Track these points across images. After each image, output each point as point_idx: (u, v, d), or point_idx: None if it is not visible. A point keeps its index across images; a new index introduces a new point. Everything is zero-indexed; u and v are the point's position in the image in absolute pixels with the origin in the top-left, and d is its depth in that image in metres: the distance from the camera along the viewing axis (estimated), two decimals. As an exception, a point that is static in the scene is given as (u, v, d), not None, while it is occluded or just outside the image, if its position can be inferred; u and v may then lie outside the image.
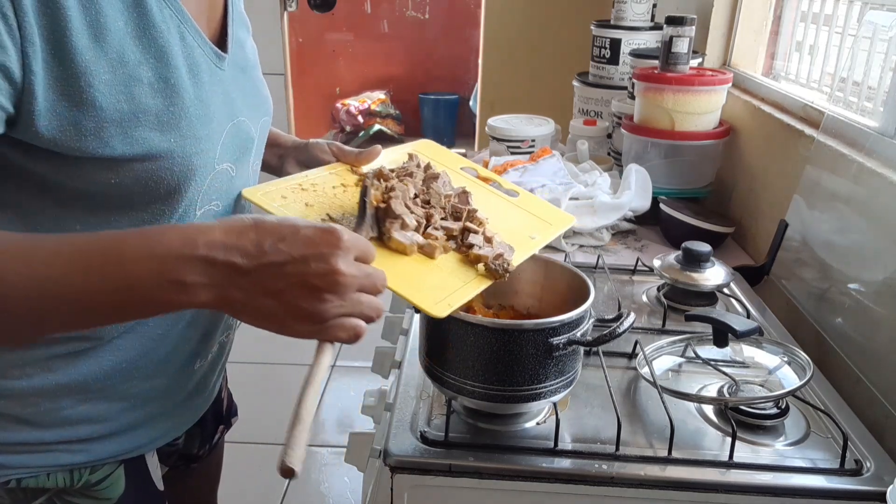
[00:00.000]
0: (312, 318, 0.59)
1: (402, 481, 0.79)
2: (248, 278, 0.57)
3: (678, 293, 1.15)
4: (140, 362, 0.76)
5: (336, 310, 0.59)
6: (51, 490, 0.76)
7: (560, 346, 0.76)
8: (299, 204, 0.80)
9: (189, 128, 0.68)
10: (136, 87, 0.63)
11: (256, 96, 0.82)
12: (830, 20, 1.46)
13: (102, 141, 0.62)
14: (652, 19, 1.94)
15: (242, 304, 0.59)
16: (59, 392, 0.73)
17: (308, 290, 0.58)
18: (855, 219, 1.09)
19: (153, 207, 0.69)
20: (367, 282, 0.61)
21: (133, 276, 0.57)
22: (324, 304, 0.58)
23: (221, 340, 0.88)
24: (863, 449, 0.82)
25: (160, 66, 0.65)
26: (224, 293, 0.58)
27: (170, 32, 0.67)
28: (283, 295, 0.58)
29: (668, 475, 0.78)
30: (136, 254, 0.57)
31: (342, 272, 0.58)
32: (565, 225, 0.95)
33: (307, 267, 0.58)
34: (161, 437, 0.84)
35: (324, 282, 0.58)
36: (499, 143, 1.76)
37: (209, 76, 0.72)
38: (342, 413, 2.44)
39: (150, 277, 0.57)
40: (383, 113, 5.07)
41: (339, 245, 0.59)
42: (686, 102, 1.48)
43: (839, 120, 1.19)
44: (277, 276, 0.58)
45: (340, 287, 0.59)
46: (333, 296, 0.59)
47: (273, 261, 0.57)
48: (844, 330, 1.05)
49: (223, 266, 0.57)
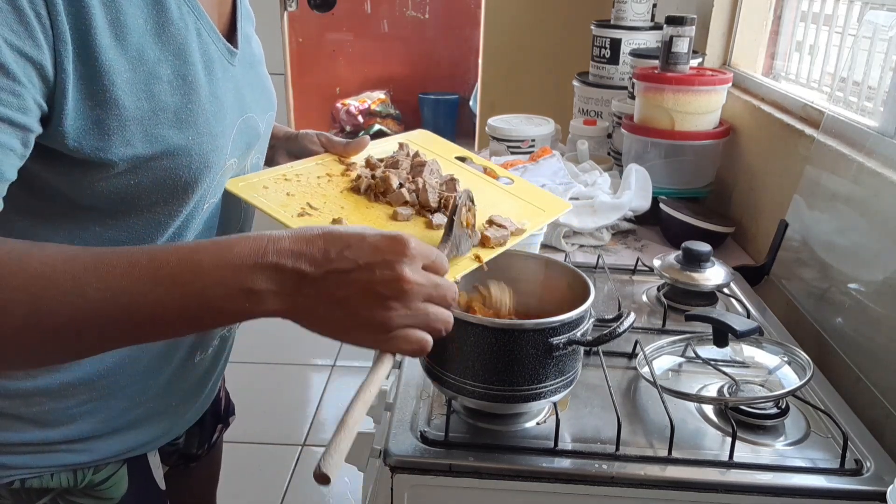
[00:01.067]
0: (377, 327, 0.58)
1: (402, 481, 0.79)
2: (315, 286, 0.57)
3: (678, 293, 1.15)
4: (141, 356, 0.76)
5: (401, 319, 0.58)
6: (54, 490, 0.76)
7: (560, 346, 0.76)
8: (280, 194, 0.79)
9: (205, 124, 0.68)
10: (155, 85, 0.63)
11: (263, 91, 0.83)
12: (830, 20, 1.46)
13: (125, 140, 0.62)
14: (652, 19, 1.94)
15: (309, 312, 0.58)
16: (64, 391, 0.73)
17: (373, 297, 0.57)
18: (855, 219, 1.09)
19: (169, 206, 0.69)
20: (436, 292, 0.60)
21: (206, 285, 0.56)
22: (388, 312, 0.58)
23: (223, 335, 0.88)
24: (863, 449, 0.82)
25: (178, 64, 0.65)
26: (292, 301, 0.57)
27: (187, 29, 0.67)
28: (348, 303, 0.57)
29: (669, 475, 0.78)
30: (210, 263, 0.57)
31: (408, 279, 0.57)
32: (559, 211, 0.94)
33: (372, 274, 0.57)
34: (163, 436, 0.84)
35: (389, 289, 0.57)
36: (499, 143, 1.76)
37: (222, 72, 0.72)
38: (342, 413, 2.43)
39: (222, 286, 0.56)
40: (383, 113, 5.07)
41: (406, 252, 0.58)
42: (686, 102, 1.48)
43: (839, 120, 1.19)
44: (343, 284, 0.57)
45: (406, 295, 0.58)
46: (399, 304, 0.58)
47: (339, 268, 0.57)
48: (844, 330, 1.05)
49: (291, 273, 0.57)
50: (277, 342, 2.82)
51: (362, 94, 5.17)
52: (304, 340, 0.62)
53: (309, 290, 0.57)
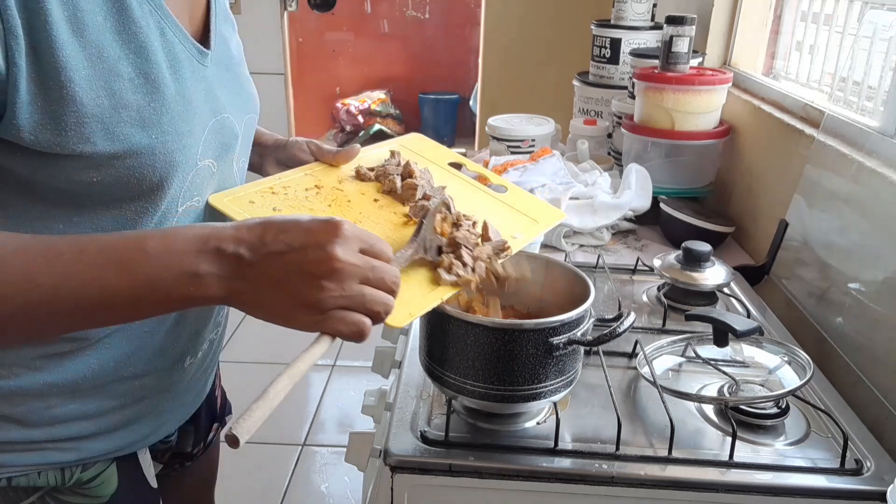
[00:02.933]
0: (312, 308, 0.60)
1: (402, 481, 0.79)
2: (253, 270, 0.59)
3: (678, 293, 1.15)
4: (128, 361, 0.76)
5: (334, 300, 0.59)
6: (42, 489, 0.76)
7: (560, 346, 0.76)
8: (266, 209, 0.79)
9: (171, 123, 0.68)
10: (115, 83, 0.63)
11: (241, 93, 0.82)
12: (831, 20, 1.46)
13: (83, 137, 0.62)
14: (652, 19, 1.94)
15: (249, 296, 0.61)
16: (47, 391, 0.72)
17: (306, 277, 0.59)
18: (855, 218, 1.09)
19: (136, 205, 0.69)
20: (373, 274, 0.61)
21: (153, 270, 0.59)
22: (321, 293, 0.59)
23: (211, 338, 0.88)
24: (863, 448, 0.82)
25: (140, 62, 0.65)
26: (232, 285, 0.60)
27: (149, 28, 0.67)
28: (284, 285, 0.59)
29: (669, 475, 0.78)
30: (157, 249, 0.59)
31: (339, 259, 0.59)
32: (552, 222, 0.94)
33: (305, 255, 0.59)
34: (152, 435, 0.84)
35: (320, 269, 0.59)
36: (499, 143, 1.76)
37: (191, 72, 0.72)
38: (342, 413, 2.44)
39: (167, 270, 0.59)
40: (383, 112, 5.07)
41: (338, 234, 0.60)
42: (686, 102, 1.48)
43: (839, 119, 1.19)
44: (278, 266, 0.59)
45: (337, 274, 0.59)
46: (331, 284, 0.59)
47: (274, 251, 0.59)
48: (845, 329, 1.05)
49: (231, 257, 0.60)
50: (276, 342, 2.82)
51: (362, 93, 5.17)
52: (304, 341, 0.62)
53: (248, 273, 0.60)
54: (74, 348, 0.72)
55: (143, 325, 0.75)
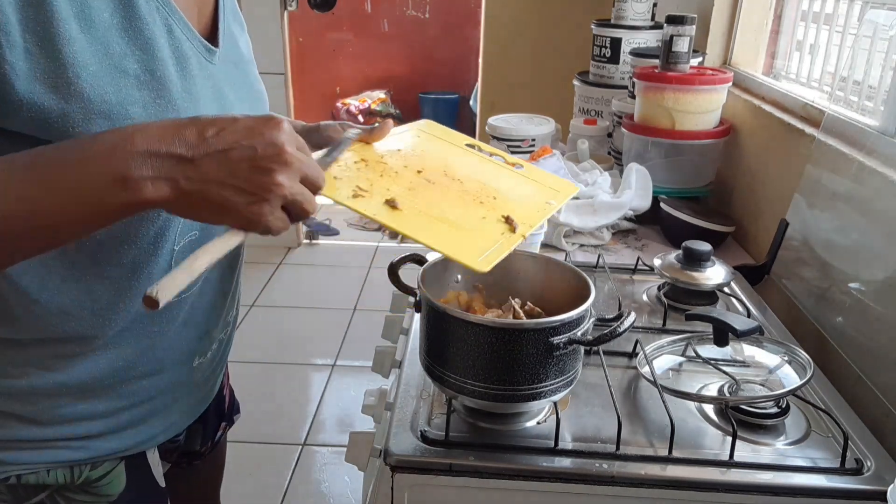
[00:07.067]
0: (258, 194, 0.59)
1: (402, 481, 0.79)
2: (195, 167, 0.57)
3: (679, 292, 1.15)
4: (137, 361, 0.76)
5: (279, 189, 0.59)
6: (51, 486, 0.76)
7: (560, 346, 0.76)
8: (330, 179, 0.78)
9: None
10: (122, 79, 0.64)
11: (249, 91, 0.82)
12: (831, 19, 1.46)
13: (90, 132, 0.62)
14: (652, 18, 1.94)
15: (194, 195, 0.58)
16: (57, 391, 0.73)
17: (259, 170, 0.58)
18: (855, 218, 1.09)
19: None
20: (309, 171, 0.61)
21: (77, 180, 0.56)
22: (272, 177, 0.58)
23: (220, 338, 0.88)
24: (863, 448, 0.82)
25: (146, 59, 0.66)
26: (174, 185, 0.57)
27: (156, 25, 0.67)
28: (232, 179, 0.58)
29: (669, 474, 0.78)
30: (77, 158, 0.57)
31: (288, 151, 0.59)
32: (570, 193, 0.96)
33: (254, 151, 0.58)
34: (161, 434, 0.84)
35: (273, 162, 0.59)
36: (499, 143, 1.76)
37: (199, 69, 0.72)
38: (342, 412, 2.43)
39: (93, 179, 0.56)
40: (383, 112, 5.08)
41: (282, 128, 0.60)
42: (686, 101, 1.48)
43: (839, 119, 1.19)
44: (224, 162, 0.58)
45: (289, 166, 0.59)
46: (282, 175, 0.59)
47: (219, 148, 0.58)
48: (845, 329, 1.05)
49: (168, 157, 0.57)
50: (278, 342, 2.83)
51: (362, 93, 5.17)
52: (305, 340, 0.61)
53: (190, 171, 0.57)
54: (85, 349, 0.73)
55: (152, 325, 0.76)
